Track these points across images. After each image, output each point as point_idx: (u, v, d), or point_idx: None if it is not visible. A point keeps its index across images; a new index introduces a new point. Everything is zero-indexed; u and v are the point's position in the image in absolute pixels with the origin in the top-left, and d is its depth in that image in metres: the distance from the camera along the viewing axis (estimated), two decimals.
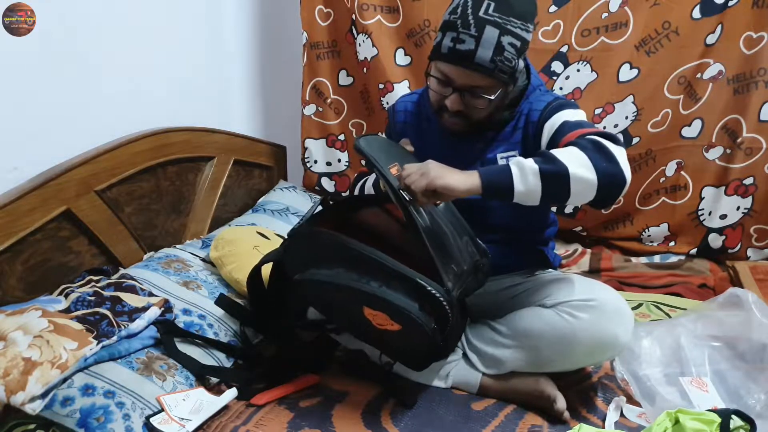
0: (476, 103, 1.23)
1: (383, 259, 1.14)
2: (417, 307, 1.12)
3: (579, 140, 1.11)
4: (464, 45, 1.16)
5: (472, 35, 1.16)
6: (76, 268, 1.41)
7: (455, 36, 1.17)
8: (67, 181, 1.35)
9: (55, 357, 1.07)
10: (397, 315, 1.13)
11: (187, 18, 1.81)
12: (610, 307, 1.19)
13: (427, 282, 1.12)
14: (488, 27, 1.15)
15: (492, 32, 1.15)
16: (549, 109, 1.26)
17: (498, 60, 1.17)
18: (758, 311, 1.27)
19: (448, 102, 1.24)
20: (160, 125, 1.66)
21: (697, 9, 1.80)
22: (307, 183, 2.23)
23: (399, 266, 1.14)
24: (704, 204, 1.99)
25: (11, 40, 1.26)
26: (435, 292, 1.11)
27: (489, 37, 1.15)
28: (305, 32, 2.02)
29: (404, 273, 1.13)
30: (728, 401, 1.19)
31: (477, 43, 1.16)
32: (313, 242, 1.24)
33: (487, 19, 1.15)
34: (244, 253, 1.52)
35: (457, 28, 1.17)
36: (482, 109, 1.24)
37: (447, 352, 1.27)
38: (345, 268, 1.17)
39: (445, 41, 1.19)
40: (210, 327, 1.35)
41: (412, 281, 1.12)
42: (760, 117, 1.86)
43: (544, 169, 1.06)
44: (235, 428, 1.15)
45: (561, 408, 1.20)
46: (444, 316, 1.13)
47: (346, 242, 1.18)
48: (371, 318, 1.17)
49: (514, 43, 1.18)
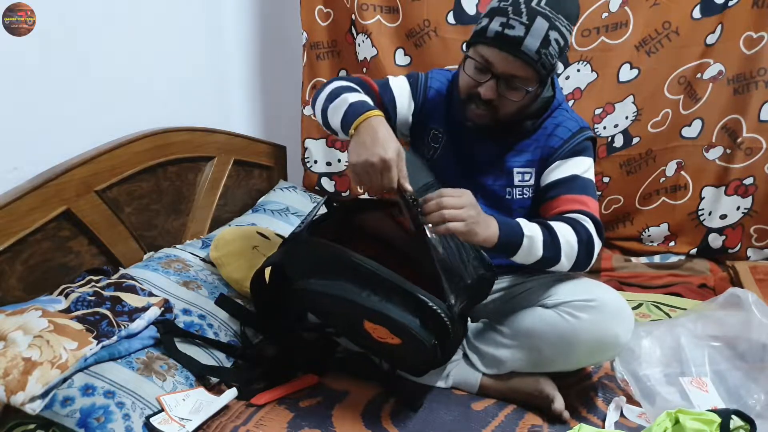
0: (511, 95, 1.21)
1: (385, 274, 1.13)
2: (418, 323, 1.12)
3: (579, 229, 1.19)
4: (513, 31, 1.15)
5: (522, 22, 1.14)
6: (76, 268, 1.41)
7: (505, 21, 1.15)
8: (67, 181, 1.35)
9: (55, 357, 1.07)
10: (398, 330, 1.13)
11: (187, 18, 1.81)
12: (610, 308, 1.19)
13: (429, 298, 1.11)
14: (539, 18, 1.14)
15: (542, 23, 1.14)
16: (568, 148, 1.28)
17: (543, 53, 1.16)
18: (758, 311, 1.27)
19: (482, 89, 1.21)
20: (160, 125, 1.66)
21: (697, 9, 1.80)
22: (307, 183, 2.22)
23: (401, 281, 1.13)
24: (704, 204, 1.99)
25: (11, 40, 1.26)
26: (437, 309, 1.11)
27: (539, 28, 1.14)
28: (305, 32, 2.02)
29: (406, 288, 1.12)
30: (728, 401, 1.19)
31: (527, 30, 1.14)
32: (313, 252, 1.22)
33: (538, 10, 1.15)
34: (244, 253, 1.52)
35: (507, 14, 1.15)
36: (513, 102, 1.22)
37: (446, 360, 1.27)
38: (345, 280, 1.16)
39: (492, 25, 1.17)
40: (210, 327, 1.35)
41: (414, 297, 1.12)
42: (760, 117, 1.86)
43: (545, 255, 1.17)
44: (235, 428, 1.15)
45: (559, 408, 1.20)
46: (445, 331, 1.13)
47: (347, 254, 1.16)
48: (371, 331, 1.17)
49: (559, 40, 1.17)
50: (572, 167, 1.28)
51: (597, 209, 1.26)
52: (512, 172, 1.32)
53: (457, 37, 1.90)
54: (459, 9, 1.89)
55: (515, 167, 1.32)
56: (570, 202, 1.24)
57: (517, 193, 1.33)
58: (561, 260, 1.18)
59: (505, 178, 1.33)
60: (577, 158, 1.28)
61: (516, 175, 1.32)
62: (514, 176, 1.32)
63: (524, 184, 1.33)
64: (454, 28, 1.91)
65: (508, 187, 1.33)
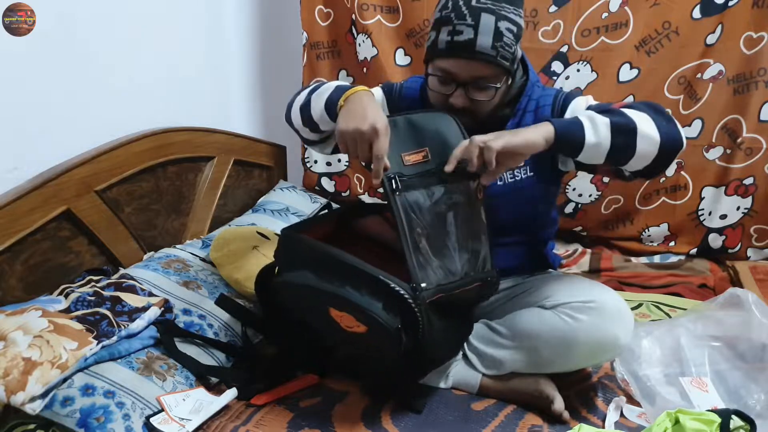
0: (481, 95, 1.20)
1: (346, 259, 1.12)
2: (380, 306, 1.09)
3: (635, 104, 1.12)
4: (462, 36, 1.14)
5: (468, 24, 1.13)
6: (76, 268, 1.41)
7: (451, 29, 1.15)
8: (67, 181, 1.35)
9: (55, 357, 1.07)
10: (361, 314, 1.10)
11: (188, 18, 1.81)
12: (610, 309, 1.18)
13: (391, 279, 1.08)
14: (483, 14, 1.13)
15: (488, 18, 1.13)
16: (561, 101, 1.25)
17: (498, 46, 1.15)
18: (758, 311, 1.26)
19: (453, 99, 1.20)
20: (160, 125, 1.66)
21: (697, 9, 1.80)
22: (307, 183, 2.23)
23: (362, 264, 1.11)
24: (704, 204, 1.99)
25: (11, 40, 1.26)
26: (399, 289, 1.07)
27: (486, 24, 1.13)
28: (305, 32, 2.02)
29: (367, 271, 1.10)
30: (728, 401, 1.19)
31: (475, 31, 1.13)
32: (287, 246, 1.23)
33: (480, 6, 1.14)
34: (244, 253, 1.52)
35: (451, 21, 1.15)
36: (488, 101, 1.21)
37: (432, 361, 1.22)
38: (310, 269, 1.16)
39: (441, 36, 1.16)
40: (210, 327, 1.35)
41: (374, 278, 1.09)
42: (760, 117, 1.86)
43: (615, 121, 1.07)
44: (235, 428, 1.15)
45: (558, 409, 1.20)
46: (412, 315, 1.09)
47: (311, 244, 1.16)
48: (339, 320, 1.15)
49: (511, 28, 1.16)
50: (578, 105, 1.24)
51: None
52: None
53: None
54: None
55: None
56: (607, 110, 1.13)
57: (508, 177, 1.30)
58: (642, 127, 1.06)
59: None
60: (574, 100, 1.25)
61: None
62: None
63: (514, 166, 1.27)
64: None
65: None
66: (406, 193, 1.12)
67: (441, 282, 1.11)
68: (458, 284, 1.13)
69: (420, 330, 1.10)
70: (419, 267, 1.10)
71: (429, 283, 1.10)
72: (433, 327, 1.12)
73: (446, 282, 1.12)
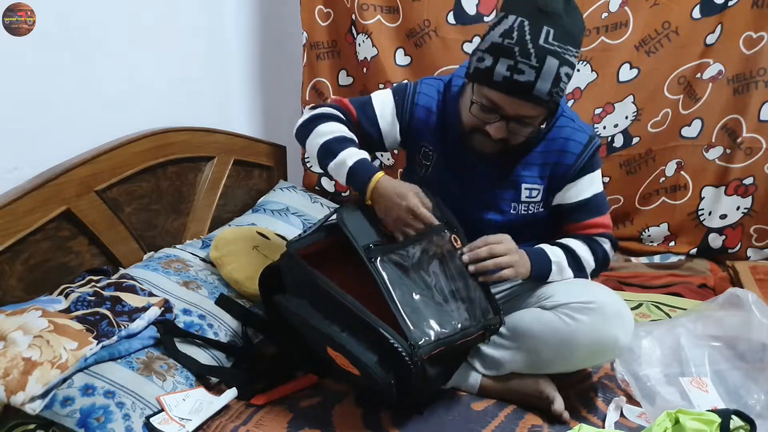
0: (521, 131, 1.19)
1: (350, 303, 1.11)
2: (375, 359, 1.08)
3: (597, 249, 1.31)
4: (523, 76, 1.09)
5: (532, 66, 1.08)
6: (76, 268, 1.41)
7: (512, 65, 1.09)
8: (67, 181, 1.35)
9: (55, 357, 1.07)
10: (356, 362, 1.10)
11: (187, 18, 1.81)
12: (609, 310, 1.19)
13: (391, 334, 1.07)
14: (549, 57, 1.08)
15: (552, 63, 1.08)
16: (581, 164, 1.28)
17: (555, 92, 1.12)
18: (758, 311, 1.27)
19: (491, 129, 1.18)
20: (160, 125, 1.66)
21: (697, 9, 1.80)
22: (307, 183, 2.22)
23: (365, 313, 1.10)
24: (704, 204, 1.99)
25: (11, 40, 1.26)
26: (397, 346, 1.06)
27: (549, 69, 1.09)
28: (305, 32, 2.02)
29: (368, 321, 1.08)
30: (728, 401, 1.19)
31: (537, 74, 1.08)
32: (292, 268, 1.23)
33: (548, 48, 1.08)
34: (244, 253, 1.52)
35: (514, 56, 1.09)
36: (524, 136, 1.21)
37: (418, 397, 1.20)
38: (310, 301, 1.17)
39: (499, 68, 1.11)
40: (210, 327, 1.35)
41: (373, 329, 1.08)
42: (760, 117, 1.86)
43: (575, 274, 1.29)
44: (235, 428, 1.15)
45: (558, 409, 1.20)
46: (407, 370, 1.07)
47: (316, 279, 1.15)
48: (334, 357, 1.16)
49: (569, 73, 1.13)
50: (586, 188, 1.31)
51: (610, 221, 1.37)
52: (520, 187, 1.30)
53: (457, 37, 1.91)
54: (459, 9, 1.89)
55: (523, 183, 1.30)
56: (589, 227, 1.33)
57: (522, 209, 1.32)
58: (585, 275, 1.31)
59: (512, 191, 1.31)
60: (588, 176, 1.31)
61: (524, 191, 1.31)
62: (522, 191, 1.31)
63: (531, 200, 1.32)
64: (454, 28, 1.91)
65: (513, 203, 1.32)
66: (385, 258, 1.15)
67: (440, 336, 1.10)
68: (460, 336, 1.13)
69: (412, 381, 1.09)
70: (413, 325, 1.09)
71: (427, 339, 1.09)
72: (428, 377, 1.11)
73: (445, 336, 1.11)
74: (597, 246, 1.32)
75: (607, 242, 1.33)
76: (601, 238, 1.33)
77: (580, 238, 1.32)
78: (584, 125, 1.33)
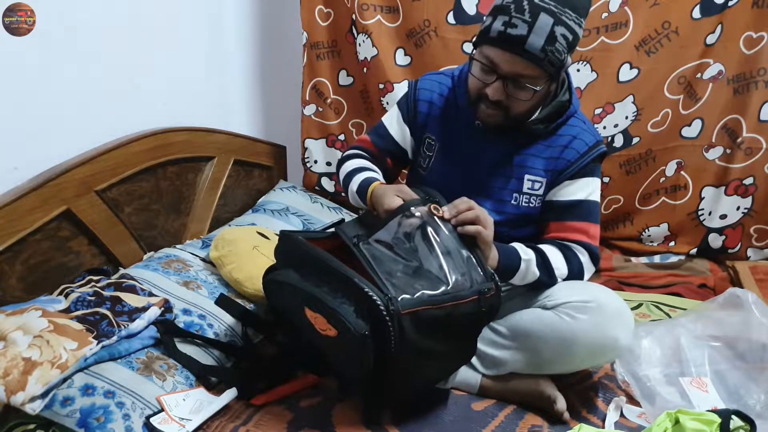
0: (519, 94, 1.19)
1: (329, 261, 1.11)
2: (351, 310, 1.06)
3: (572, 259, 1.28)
4: (516, 30, 1.12)
5: (525, 20, 1.11)
6: (76, 268, 1.41)
7: (507, 20, 1.12)
8: (67, 181, 1.35)
9: (55, 357, 1.07)
10: (332, 317, 1.07)
11: (187, 18, 1.81)
12: (610, 309, 1.19)
13: (366, 284, 1.05)
14: (543, 14, 1.11)
15: (546, 20, 1.11)
16: (580, 165, 1.28)
17: (549, 50, 1.13)
18: (758, 311, 1.27)
19: (490, 90, 1.20)
20: (160, 125, 1.66)
21: (697, 9, 1.80)
22: (307, 183, 2.22)
23: (343, 267, 1.09)
24: (704, 204, 1.99)
25: (11, 40, 1.26)
26: (371, 294, 1.04)
27: (543, 25, 1.11)
28: (305, 32, 2.02)
29: (345, 273, 1.08)
30: (728, 401, 1.19)
31: (530, 29, 1.11)
32: (283, 245, 1.25)
33: (542, 5, 1.11)
34: (244, 253, 1.52)
35: (509, 12, 1.12)
36: (523, 102, 1.21)
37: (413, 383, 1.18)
38: (295, 268, 1.16)
39: (495, 25, 1.14)
40: (210, 327, 1.35)
41: (350, 281, 1.06)
42: (760, 117, 1.86)
43: (541, 280, 1.27)
44: (235, 428, 1.15)
45: (561, 409, 1.20)
46: (383, 324, 1.04)
47: (301, 244, 1.16)
48: (313, 321, 1.13)
49: (566, 36, 1.14)
50: (580, 189, 1.29)
51: (597, 234, 1.32)
52: (523, 177, 1.31)
53: (457, 37, 1.91)
54: (459, 9, 1.89)
55: (527, 174, 1.30)
56: (571, 231, 1.29)
57: (523, 200, 1.32)
58: (554, 282, 1.28)
59: (514, 181, 1.31)
60: (585, 179, 1.29)
61: (526, 182, 1.31)
62: (524, 182, 1.31)
63: (532, 193, 1.32)
64: (454, 28, 1.91)
65: (515, 192, 1.32)
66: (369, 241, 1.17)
67: (423, 297, 1.08)
68: (450, 298, 1.09)
69: (392, 341, 1.04)
70: (395, 288, 1.08)
71: (407, 297, 1.06)
72: (411, 342, 1.06)
73: (429, 296, 1.08)
74: (572, 255, 1.28)
75: (585, 253, 1.28)
76: (577, 246, 1.28)
77: (555, 244, 1.29)
78: (594, 131, 1.33)
